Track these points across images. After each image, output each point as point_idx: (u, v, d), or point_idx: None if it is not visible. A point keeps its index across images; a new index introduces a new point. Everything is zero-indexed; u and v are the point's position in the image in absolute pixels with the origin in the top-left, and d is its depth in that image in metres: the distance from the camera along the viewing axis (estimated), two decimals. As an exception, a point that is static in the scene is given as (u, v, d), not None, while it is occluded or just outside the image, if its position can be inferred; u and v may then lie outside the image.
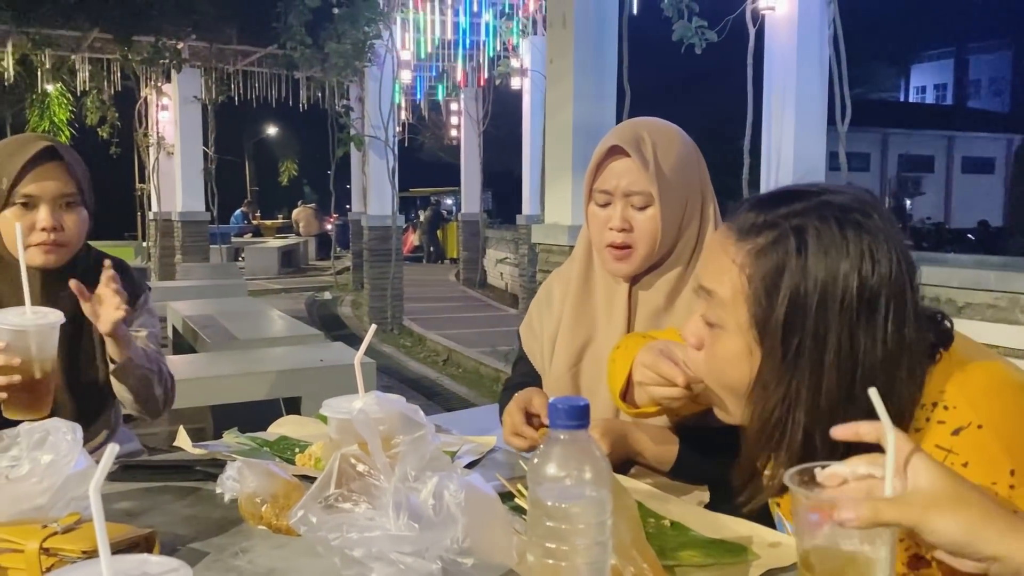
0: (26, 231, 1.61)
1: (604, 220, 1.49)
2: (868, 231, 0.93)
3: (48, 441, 1.07)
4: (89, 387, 1.75)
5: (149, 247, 12.60)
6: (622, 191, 1.47)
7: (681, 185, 1.48)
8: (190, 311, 4.90)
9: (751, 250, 0.96)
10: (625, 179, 1.46)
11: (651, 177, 1.44)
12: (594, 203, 1.51)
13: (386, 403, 1.10)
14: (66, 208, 1.66)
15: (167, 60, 10.11)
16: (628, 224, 1.47)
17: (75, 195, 1.67)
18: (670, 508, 1.20)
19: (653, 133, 1.48)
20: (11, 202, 1.61)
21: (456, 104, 12.98)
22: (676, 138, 1.51)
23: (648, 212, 1.46)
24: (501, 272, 12.63)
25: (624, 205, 1.47)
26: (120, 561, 0.60)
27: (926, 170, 29.88)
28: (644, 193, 1.45)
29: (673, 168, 1.46)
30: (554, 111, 5.46)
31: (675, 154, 1.48)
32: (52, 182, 1.63)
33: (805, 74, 5.30)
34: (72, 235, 1.67)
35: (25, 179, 1.60)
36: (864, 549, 0.81)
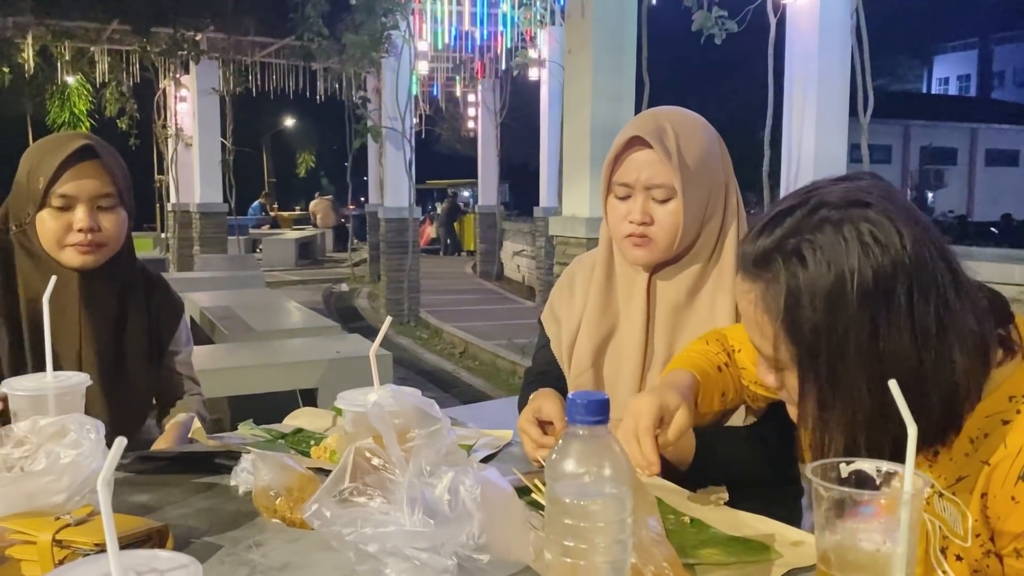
0: (63, 232, 1.56)
1: (624, 213, 1.45)
2: (867, 220, 0.90)
3: (70, 437, 1.06)
4: (130, 396, 1.71)
5: (168, 238, 12.67)
6: (643, 184, 1.42)
7: (705, 177, 1.43)
8: (208, 302, 4.92)
9: (763, 288, 0.94)
10: (646, 171, 1.41)
11: (674, 169, 1.39)
12: (613, 196, 1.47)
13: (401, 396, 1.09)
14: (104, 209, 1.60)
15: (185, 51, 10.16)
16: (649, 218, 1.43)
17: (113, 195, 1.60)
18: (690, 505, 1.18)
19: (676, 123, 1.43)
20: (47, 203, 1.55)
21: (473, 95, 12.96)
22: (699, 128, 1.46)
23: (670, 206, 1.42)
24: (518, 265, 12.60)
25: (645, 198, 1.43)
26: (129, 556, 0.59)
27: (949, 162, 29.54)
28: (666, 186, 1.41)
29: (697, 160, 1.42)
30: (572, 103, 5.43)
31: (698, 145, 1.43)
32: (90, 181, 1.56)
33: (827, 65, 5.23)
34: (111, 236, 1.61)
35: (62, 179, 1.54)
36: (885, 547, 0.79)
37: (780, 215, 0.95)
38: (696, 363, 1.29)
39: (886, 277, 0.88)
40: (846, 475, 0.87)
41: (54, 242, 1.58)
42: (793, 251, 0.91)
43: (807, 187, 0.98)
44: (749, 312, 0.98)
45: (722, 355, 1.32)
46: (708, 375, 1.27)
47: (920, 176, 28.07)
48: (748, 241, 0.98)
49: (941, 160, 29.26)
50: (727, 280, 1.46)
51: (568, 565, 0.72)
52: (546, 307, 1.69)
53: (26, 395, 1.21)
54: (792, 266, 0.91)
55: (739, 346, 1.33)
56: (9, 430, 1.11)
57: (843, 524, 0.80)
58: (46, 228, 1.57)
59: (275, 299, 5.56)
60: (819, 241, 0.90)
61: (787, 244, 0.92)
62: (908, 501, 0.77)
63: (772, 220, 0.95)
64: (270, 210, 20.84)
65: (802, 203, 0.94)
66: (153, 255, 10.65)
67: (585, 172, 5.17)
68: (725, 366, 1.31)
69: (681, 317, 1.48)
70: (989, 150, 30.27)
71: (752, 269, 0.96)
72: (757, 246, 0.95)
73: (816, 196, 0.94)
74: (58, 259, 1.59)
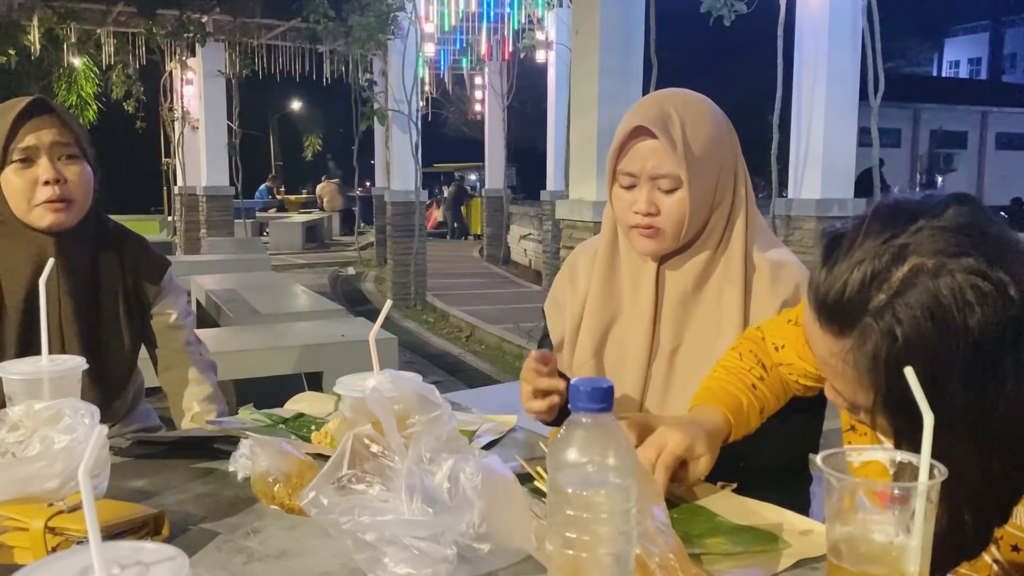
0: (30, 188, 1.57)
1: (629, 203, 1.41)
2: (968, 271, 0.79)
3: (64, 422, 1.05)
4: (110, 362, 1.72)
5: (175, 221, 12.67)
6: (648, 174, 1.38)
7: (712, 165, 1.39)
8: (214, 285, 4.91)
9: (848, 346, 0.85)
10: (651, 161, 1.37)
11: (679, 159, 1.35)
12: (619, 185, 1.43)
13: (401, 382, 1.06)
14: (67, 160, 1.60)
15: (191, 34, 10.11)
16: (655, 208, 1.39)
17: (74, 146, 1.61)
18: (697, 493, 1.16)
19: (682, 109, 1.38)
20: (9, 160, 1.56)
21: (480, 78, 12.88)
22: (707, 113, 1.41)
23: (676, 195, 1.37)
24: (525, 248, 12.57)
25: (650, 188, 1.39)
26: (113, 548, 0.57)
27: (959, 146, 29.29)
28: (672, 176, 1.36)
29: (703, 147, 1.38)
30: (579, 84, 5.38)
31: (706, 131, 1.39)
32: (47, 131, 1.57)
33: (837, 47, 5.17)
34: (77, 189, 1.61)
35: (19, 134, 1.56)
36: (898, 539, 0.77)
37: (856, 241, 0.85)
38: (728, 394, 1.24)
39: (991, 339, 0.79)
40: (858, 464, 0.84)
41: (23, 200, 1.57)
42: (885, 310, 0.81)
43: (884, 209, 0.87)
44: (825, 356, 0.90)
45: (756, 369, 1.28)
46: (740, 408, 1.23)
47: (929, 160, 27.86)
48: (822, 274, 0.87)
49: (951, 144, 29.01)
50: (736, 270, 1.43)
51: (570, 557, 0.70)
52: (548, 296, 1.67)
53: (21, 379, 1.19)
54: (885, 332, 0.81)
55: (781, 342, 1.28)
56: (4, 414, 1.09)
57: (855, 515, 0.78)
58: (12, 187, 1.57)
59: (281, 282, 5.55)
60: (913, 300, 0.80)
61: (873, 297, 0.82)
62: (924, 492, 0.74)
63: (849, 250, 0.85)
64: (277, 193, 20.83)
65: (884, 239, 0.83)
66: (160, 238, 10.65)
67: (592, 156, 5.13)
68: (760, 380, 1.27)
69: (689, 307, 1.45)
70: (1000, 134, 29.99)
71: (833, 322, 0.86)
72: (837, 293, 0.85)
73: (902, 237, 0.83)
74: (29, 223, 1.59)
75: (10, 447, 1.05)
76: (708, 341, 1.43)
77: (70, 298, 1.64)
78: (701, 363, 1.41)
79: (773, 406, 1.28)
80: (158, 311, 1.80)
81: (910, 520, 0.75)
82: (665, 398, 1.45)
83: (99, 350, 1.68)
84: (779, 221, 5.41)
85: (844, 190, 5.36)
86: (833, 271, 0.85)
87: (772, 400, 1.28)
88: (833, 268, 0.86)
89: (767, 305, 1.41)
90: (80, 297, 1.65)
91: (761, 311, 1.41)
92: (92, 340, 1.67)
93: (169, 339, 1.81)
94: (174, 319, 1.81)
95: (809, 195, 5.33)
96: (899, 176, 22.49)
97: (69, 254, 1.63)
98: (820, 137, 5.25)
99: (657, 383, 1.46)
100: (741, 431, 1.23)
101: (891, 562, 0.77)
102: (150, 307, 1.79)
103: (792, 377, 1.28)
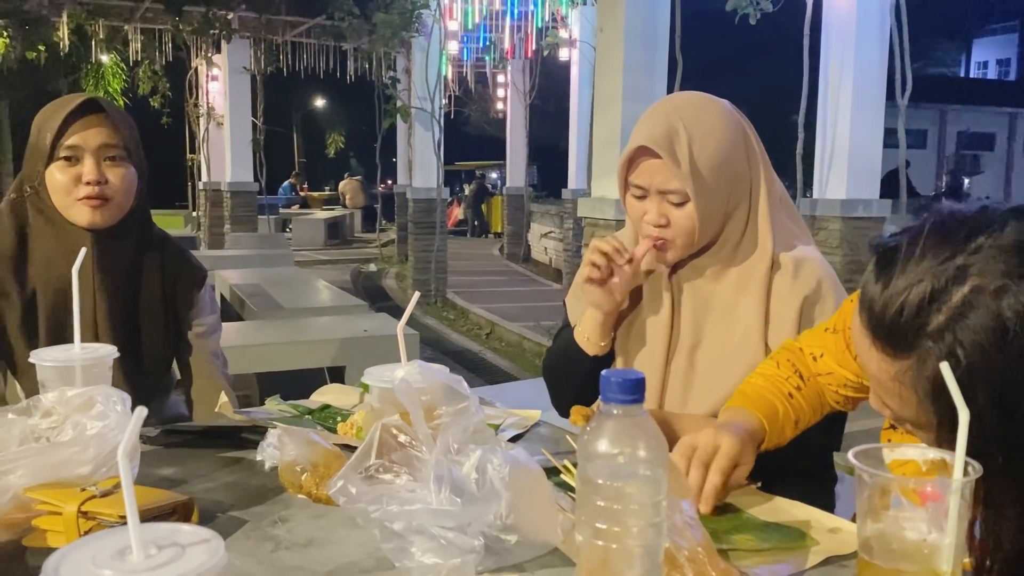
0: (71, 184, 1.59)
1: (641, 212, 1.43)
2: None
3: (96, 408, 1.06)
4: (146, 362, 1.72)
5: (199, 216, 12.76)
6: (656, 188, 1.39)
7: (722, 177, 1.38)
8: (238, 280, 4.95)
9: (904, 367, 0.83)
10: (658, 177, 1.38)
11: (685, 176, 1.35)
12: (631, 194, 1.45)
13: (429, 373, 1.07)
14: (112, 162, 1.62)
15: (217, 30, 10.17)
16: (665, 219, 1.40)
17: (120, 149, 1.63)
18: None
19: (690, 123, 1.37)
20: (55, 156, 1.59)
21: (503, 76, 12.87)
22: (717, 124, 1.40)
23: (685, 209, 1.38)
24: (545, 247, 12.56)
25: (660, 200, 1.40)
26: (151, 529, 0.58)
27: (986, 148, 28.90)
28: (679, 191, 1.37)
29: (712, 161, 1.37)
30: (603, 81, 5.36)
31: (715, 145, 1.37)
32: (94, 131, 1.60)
33: (864, 46, 5.12)
34: (118, 190, 1.63)
35: (68, 131, 1.58)
36: (931, 537, 0.76)
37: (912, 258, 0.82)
38: (764, 400, 1.22)
39: None
40: (889, 461, 0.84)
41: (63, 195, 1.60)
42: (944, 333, 0.79)
43: (941, 223, 0.84)
44: (878, 374, 0.88)
45: (793, 378, 1.25)
46: (776, 415, 1.21)
47: (956, 162, 27.51)
48: (875, 289, 0.84)
49: (978, 146, 28.64)
50: (756, 269, 1.41)
51: (600, 548, 0.70)
52: (570, 290, 1.66)
53: (54, 366, 1.21)
54: (946, 356, 0.79)
55: (819, 351, 1.25)
56: (37, 400, 1.11)
57: (887, 512, 0.77)
58: (55, 181, 1.60)
59: (304, 278, 5.58)
60: (976, 323, 0.78)
61: (932, 319, 0.80)
62: (958, 489, 0.74)
63: (905, 266, 0.82)
64: (300, 190, 20.94)
65: (943, 258, 0.81)
66: (184, 232, 10.73)
67: (614, 153, 5.12)
68: (797, 390, 1.24)
69: (708, 304, 1.45)
70: (1029, 136, 29.59)
71: (888, 343, 0.83)
72: (894, 314, 0.82)
73: (961, 256, 0.80)
74: (69, 217, 1.61)
75: (43, 433, 1.06)
76: (728, 339, 1.42)
77: (105, 294, 1.65)
78: (722, 361, 1.41)
79: (808, 418, 1.25)
80: (194, 320, 1.81)
81: (943, 518, 0.75)
82: (687, 396, 1.44)
83: (135, 349, 1.69)
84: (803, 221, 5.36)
85: (870, 191, 5.31)
86: (888, 289, 0.83)
87: (808, 412, 1.25)
88: (888, 285, 0.83)
89: (787, 301, 1.39)
90: (116, 295, 1.66)
91: (781, 307, 1.40)
92: (127, 338, 1.67)
93: (199, 349, 1.82)
94: (204, 330, 1.83)
95: (834, 195, 5.29)
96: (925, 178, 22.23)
97: (106, 252, 1.64)
98: (846, 137, 5.21)
99: (677, 380, 1.45)
100: (774, 440, 1.20)
101: (923, 560, 0.76)
102: (187, 314, 1.80)
103: (832, 387, 1.25)
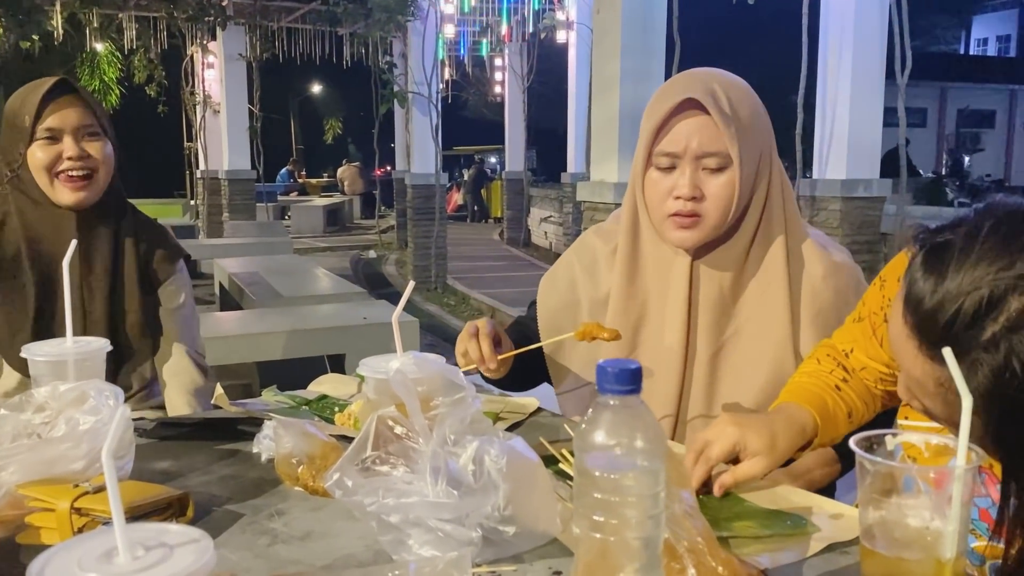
0: (53, 161, 1.63)
1: (668, 188, 1.31)
2: None
3: (89, 404, 1.05)
4: (129, 338, 1.74)
5: (197, 205, 12.74)
6: (693, 152, 1.28)
7: (756, 144, 1.31)
8: (236, 268, 4.94)
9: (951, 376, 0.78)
10: (697, 138, 1.28)
11: (732, 135, 1.26)
12: (655, 168, 1.32)
13: (425, 363, 1.05)
14: (89, 138, 1.67)
15: (212, 17, 10.13)
16: (699, 191, 1.29)
17: (95, 125, 1.68)
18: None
19: (725, 85, 1.30)
20: (36, 137, 1.63)
21: (500, 59, 12.81)
22: (746, 89, 1.33)
23: (723, 177, 1.28)
24: (545, 231, 12.54)
25: (695, 169, 1.29)
26: (137, 530, 0.56)
27: (986, 126, 28.79)
28: (721, 154, 1.27)
29: (749, 122, 1.29)
30: (601, 64, 5.32)
31: (750, 107, 1.31)
32: (71, 111, 1.65)
33: (863, 24, 5.08)
34: (99, 163, 1.67)
35: (44, 113, 1.63)
36: (934, 524, 0.75)
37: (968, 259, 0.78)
38: (811, 394, 1.16)
39: None
40: (892, 448, 0.83)
41: (45, 172, 1.64)
42: (999, 343, 0.76)
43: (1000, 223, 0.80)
44: (919, 376, 0.84)
45: (838, 371, 1.19)
46: (826, 408, 1.14)
47: (956, 139, 27.42)
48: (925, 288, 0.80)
49: (978, 123, 28.51)
50: (778, 264, 1.34)
51: (598, 541, 0.68)
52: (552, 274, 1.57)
53: (46, 360, 1.20)
54: (1000, 367, 0.75)
55: (849, 346, 1.20)
56: (29, 395, 1.10)
57: (889, 499, 0.76)
58: (36, 160, 1.64)
59: (303, 265, 5.57)
60: None
61: (987, 328, 0.76)
62: (961, 476, 0.73)
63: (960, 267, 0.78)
64: (298, 177, 20.89)
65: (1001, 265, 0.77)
66: (183, 221, 10.73)
67: (613, 136, 5.09)
68: (844, 382, 1.18)
69: (727, 305, 1.37)
70: (1029, 112, 29.47)
71: (936, 347, 0.79)
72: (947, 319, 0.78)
73: (1021, 263, 0.76)
74: (52, 196, 1.65)
75: (36, 428, 1.05)
76: (754, 342, 1.35)
77: (92, 274, 1.69)
78: (749, 365, 1.34)
79: (862, 412, 1.19)
80: (164, 295, 1.81)
81: (947, 504, 0.74)
82: (711, 404, 1.37)
83: (120, 325, 1.73)
84: (803, 202, 5.34)
85: (870, 170, 5.28)
86: (939, 291, 0.79)
87: (860, 405, 1.18)
88: (939, 287, 0.79)
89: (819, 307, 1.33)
90: (102, 274, 1.70)
91: (816, 314, 1.33)
92: (114, 316, 1.72)
93: (168, 327, 1.82)
94: (175, 306, 1.82)
95: (834, 175, 5.26)
96: (925, 156, 22.16)
97: (91, 231, 1.69)
98: (846, 117, 5.18)
99: (700, 389, 1.37)
100: (828, 434, 1.14)
101: (926, 547, 0.76)
102: (161, 289, 1.81)
103: (871, 383, 1.20)
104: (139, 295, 1.75)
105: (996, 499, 0.93)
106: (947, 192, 14.55)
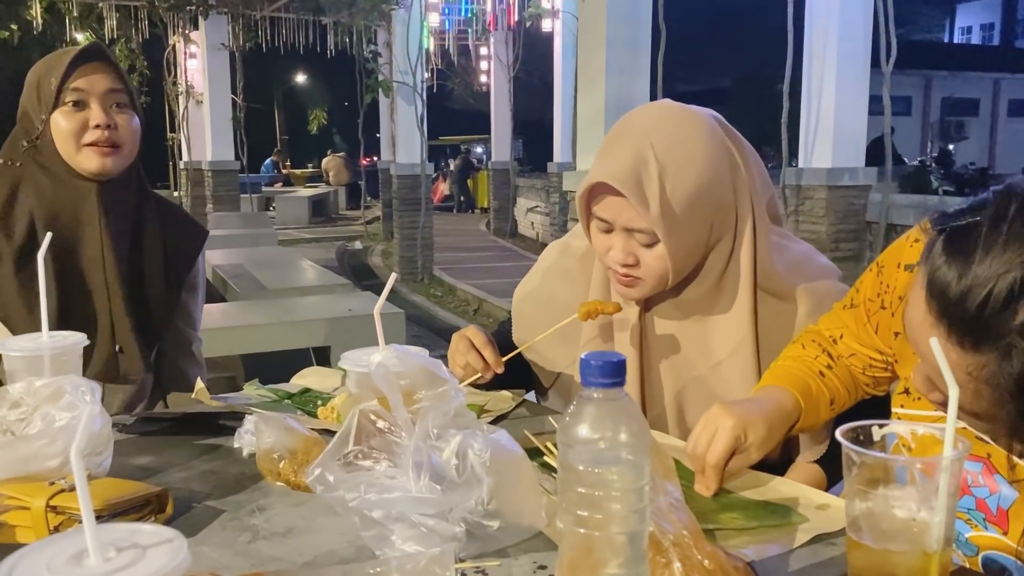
0: (79, 129, 1.56)
1: (607, 247, 1.28)
2: None
3: (65, 399, 1.03)
4: (151, 306, 1.71)
5: (181, 197, 12.64)
6: (623, 225, 1.24)
7: (702, 212, 1.23)
8: (221, 260, 4.90)
9: (984, 362, 0.77)
10: (624, 216, 1.22)
11: (655, 218, 1.19)
12: (594, 226, 1.29)
13: (407, 356, 1.04)
14: (118, 108, 1.60)
15: (194, 6, 10.00)
16: (633, 259, 1.25)
17: (124, 95, 1.61)
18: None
19: (663, 151, 1.20)
20: (62, 100, 1.56)
21: (486, 48, 12.75)
22: (696, 150, 1.22)
23: (655, 250, 1.23)
24: (532, 221, 12.52)
25: (627, 238, 1.25)
26: (109, 530, 0.55)
27: (971, 114, 28.94)
28: (648, 232, 1.22)
29: (690, 197, 1.21)
30: (586, 54, 5.31)
31: (693, 177, 1.21)
32: (100, 76, 1.58)
33: (848, 13, 5.09)
34: (126, 136, 1.60)
35: (73, 75, 1.56)
36: (920, 515, 0.75)
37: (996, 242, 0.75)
38: (796, 377, 1.15)
39: None
40: (878, 438, 0.82)
41: (71, 141, 1.57)
42: None
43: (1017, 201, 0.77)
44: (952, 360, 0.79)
45: (823, 357, 1.18)
46: (809, 392, 1.14)
47: (941, 128, 27.57)
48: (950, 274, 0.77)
49: (963, 112, 28.65)
50: (743, 300, 1.29)
51: (582, 536, 0.68)
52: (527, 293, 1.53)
53: (21, 355, 1.17)
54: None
55: (838, 332, 1.19)
56: (5, 392, 1.08)
57: (876, 491, 0.76)
58: (60, 129, 1.57)
59: (288, 257, 5.54)
60: None
61: (1020, 312, 0.73)
62: (948, 467, 0.72)
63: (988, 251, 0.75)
64: (282, 168, 20.77)
65: None
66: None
67: (599, 127, 5.08)
68: (828, 369, 1.17)
69: (684, 349, 1.33)
70: (1012, 101, 29.59)
71: (967, 335, 0.77)
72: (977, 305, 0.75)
73: None
74: (76, 164, 1.58)
75: (11, 425, 1.03)
76: (714, 373, 1.31)
77: (113, 239, 1.62)
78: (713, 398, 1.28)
79: (844, 399, 1.18)
80: (188, 284, 1.80)
81: (933, 495, 0.73)
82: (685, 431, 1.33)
83: (142, 294, 1.68)
84: (789, 191, 5.35)
85: (855, 159, 5.29)
86: (966, 277, 0.76)
87: (843, 392, 1.17)
88: (966, 272, 0.76)
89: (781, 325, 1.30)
90: (123, 240, 1.64)
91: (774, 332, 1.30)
92: (136, 286, 1.67)
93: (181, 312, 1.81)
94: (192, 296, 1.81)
95: (820, 164, 5.27)
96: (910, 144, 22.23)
97: (111, 200, 1.62)
98: (831, 105, 5.18)
99: (672, 420, 1.36)
100: (810, 419, 1.13)
101: (913, 538, 0.75)
102: (185, 276, 1.79)
103: (858, 369, 1.18)
104: (162, 269, 1.71)
105: (993, 489, 0.93)
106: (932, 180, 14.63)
